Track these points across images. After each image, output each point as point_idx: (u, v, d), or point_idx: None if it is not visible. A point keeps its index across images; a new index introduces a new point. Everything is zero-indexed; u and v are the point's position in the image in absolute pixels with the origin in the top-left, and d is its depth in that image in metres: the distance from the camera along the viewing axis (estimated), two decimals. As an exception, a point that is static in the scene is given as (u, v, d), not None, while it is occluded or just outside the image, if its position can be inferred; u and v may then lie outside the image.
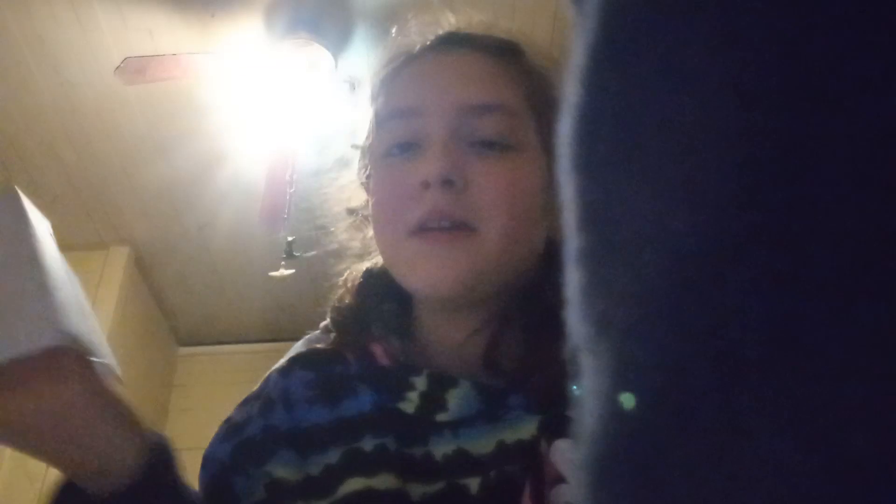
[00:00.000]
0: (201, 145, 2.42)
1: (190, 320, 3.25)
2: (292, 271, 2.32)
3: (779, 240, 0.15)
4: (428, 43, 0.62)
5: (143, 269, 2.93)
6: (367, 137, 0.64)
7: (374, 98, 0.63)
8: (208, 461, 0.61)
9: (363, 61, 2.17)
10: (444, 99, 0.57)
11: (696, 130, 0.16)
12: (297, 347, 0.65)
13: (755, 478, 0.14)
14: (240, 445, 0.58)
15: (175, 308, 3.18)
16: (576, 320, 0.18)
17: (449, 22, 0.64)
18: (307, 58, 2.06)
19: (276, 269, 2.30)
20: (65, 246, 0.58)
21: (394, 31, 0.67)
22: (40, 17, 2.04)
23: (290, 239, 2.28)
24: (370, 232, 0.64)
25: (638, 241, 0.17)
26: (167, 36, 2.09)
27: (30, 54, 2.14)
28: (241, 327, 3.26)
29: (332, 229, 0.68)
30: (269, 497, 0.55)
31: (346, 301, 0.64)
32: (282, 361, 0.63)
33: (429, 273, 0.54)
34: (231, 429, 0.60)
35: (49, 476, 2.35)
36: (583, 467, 0.18)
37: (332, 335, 0.63)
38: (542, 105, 0.59)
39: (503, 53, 0.60)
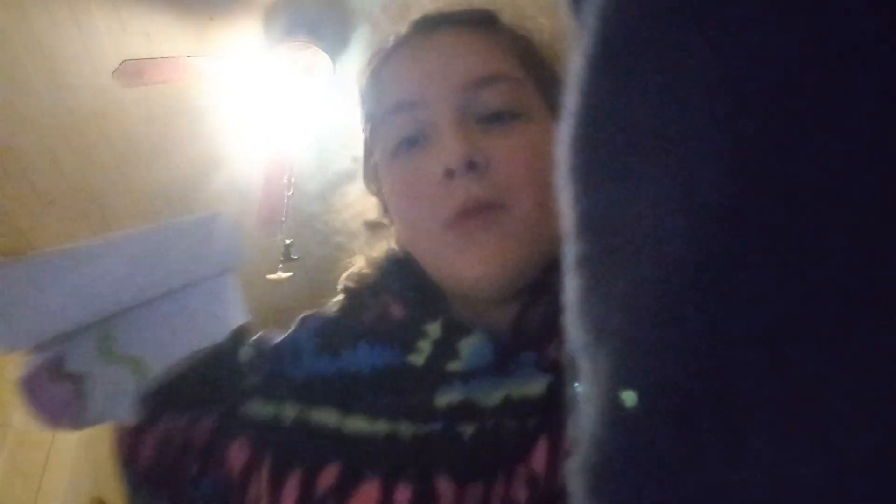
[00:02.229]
0: (199, 148, 2.42)
1: (187, 323, 3.24)
2: (290, 274, 2.32)
3: (775, 246, 0.15)
4: (406, 30, 0.61)
5: (141, 271, 2.93)
6: (366, 143, 0.62)
7: (364, 101, 0.62)
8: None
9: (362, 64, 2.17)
10: (440, 82, 0.55)
11: (692, 139, 0.16)
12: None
13: (753, 482, 0.14)
14: (258, 356, 0.60)
15: (172, 311, 3.17)
16: (574, 326, 0.18)
17: (421, 4, 0.63)
18: (305, 61, 2.06)
19: (274, 273, 2.30)
20: None
21: (362, 29, 0.66)
22: (38, 20, 2.04)
23: (287, 242, 2.28)
24: (392, 239, 0.62)
25: (635, 247, 0.17)
26: (165, 39, 2.09)
27: (27, 57, 2.14)
28: (239, 330, 3.25)
29: (352, 246, 0.66)
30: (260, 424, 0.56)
31: (364, 271, 0.63)
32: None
33: (473, 266, 0.53)
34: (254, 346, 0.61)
35: (45, 475, 2.34)
36: (580, 472, 0.18)
37: (345, 300, 0.63)
38: (537, 67, 0.58)
39: (486, 23, 0.59)
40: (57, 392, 0.45)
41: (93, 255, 0.47)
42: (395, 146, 0.57)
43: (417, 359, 0.54)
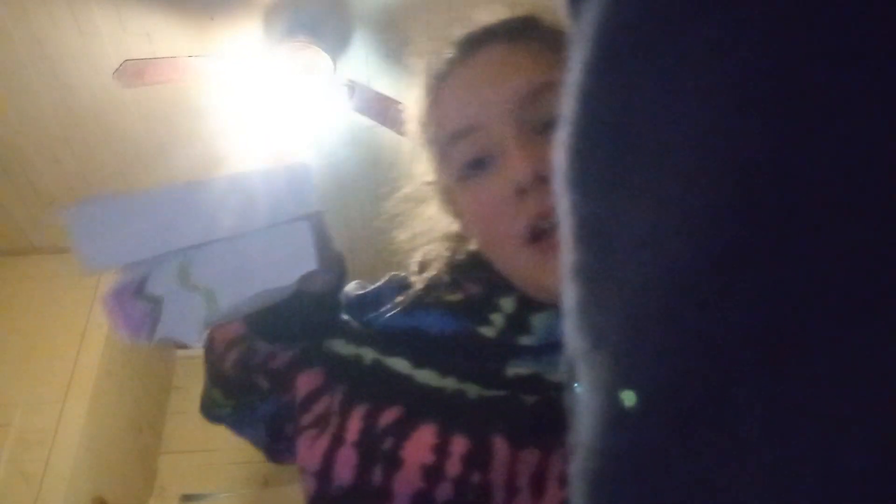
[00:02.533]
0: (200, 148, 2.42)
1: (188, 323, 3.24)
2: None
3: (773, 250, 0.15)
4: (452, 54, 0.62)
5: (142, 271, 2.93)
6: (435, 167, 0.64)
7: (424, 128, 0.64)
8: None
9: (362, 64, 2.17)
10: (495, 102, 0.57)
11: (690, 144, 0.16)
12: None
13: (751, 484, 0.14)
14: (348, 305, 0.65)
15: (173, 311, 3.17)
16: (573, 332, 0.18)
17: (461, 28, 0.64)
18: (306, 61, 2.06)
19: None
20: (63, 249, 0.61)
21: (407, 54, 0.68)
22: (38, 20, 2.04)
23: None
24: (472, 245, 0.65)
25: (633, 255, 0.17)
26: (166, 39, 2.09)
27: (28, 58, 2.14)
28: (240, 330, 3.25)
29: (429, 256, 0.69)
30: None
31: (442, 255, 0.67)
32: None
33: (554, 280, 0.54)
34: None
35: (46, 475, 2.34)
36: (580, 475, 0.18)
37: (420, 276, 0.66)
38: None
39: (527, 32, 0.60)
40: (136, 309, 0.50)
41: (177, 194, 0.52)
42: (463, 170, 0.59)
43: (489, 331, 0.57)
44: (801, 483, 0.14)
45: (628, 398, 0.16)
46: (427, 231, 0.69)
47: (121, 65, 1.94)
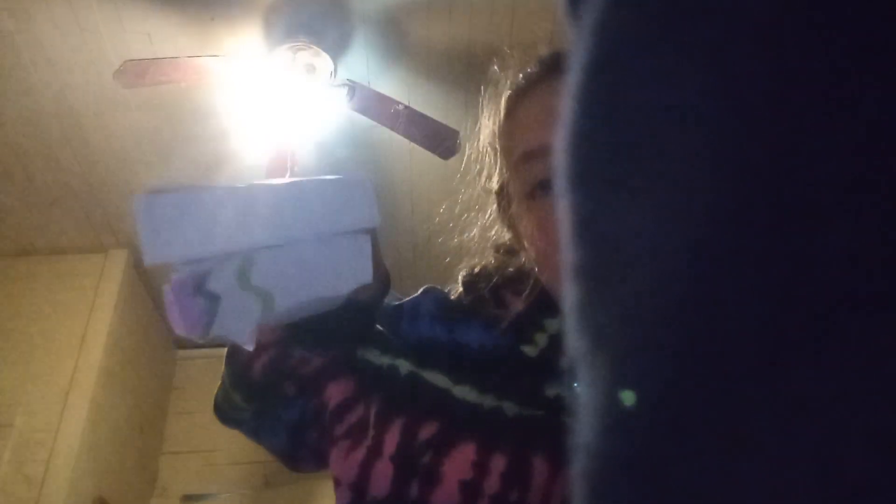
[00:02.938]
0: (200, 149, 2.42)
1: (189, 323, 3.24)
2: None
3: (773, 251, 0.15)
4: (537, 72, 0.62)
5: (142, 272, 2.93)
6: (502, 180, 0.64)
7: (498, 138, 0.64)
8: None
9: (362, 65, 2.17)
10: None
11: (690, 146, 0.16)
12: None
13: (751, 485, 0.14)
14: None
15: (174, 311, 3.17)
16: (573, 333, 0.18)
17: (547, 48, 0.65)
18: (306, 61, 2.06)
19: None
20: (63, 249, 0.61)
21: (494, 67, 0.68)
22: (39, 20, 2.04)
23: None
24: (522, 259, 0.65)
25: (634, 254, 0.17)
26: (166, 39, 2.09)
27: (28, 58, 2.14)
28: (240, 330, 3.25)
29: (482, 264, 0.69)
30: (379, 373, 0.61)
31: (488, 269, 0.66)
32: None
33: None
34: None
35: (47, 475, 2.35)
36: (580, 478, 0.18)
37: (464, 290, 0.66)
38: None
39: None
40: (194, 305, 0.50)
41: (245, 194, 0.52)
42: (531, 189, 0.59)
43: (531, 350, 0.58)
44: (801, 483, 0.14)
45: (628, 398, 0.16)
46: (480, 240, 0.69)
47: (121, 65, 1.94)
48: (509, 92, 0.64)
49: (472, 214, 0.70)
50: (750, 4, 0.15)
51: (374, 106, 2.07)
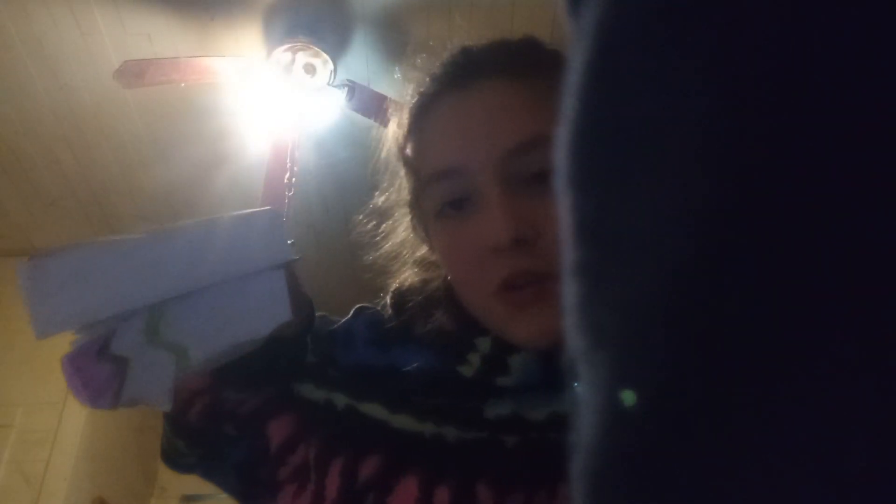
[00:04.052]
0: (200, 149, 2.42)
1: (188, 323, 3.24)
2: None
3: (773, 248, 0.15)
4: (445, 80, 0.59)
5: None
6: (412, 194, 0.61)
7: (404, 153, 0.61)
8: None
9: (362, 65, 2.17)
10: (483, 148, 0.54)
11: (690, 143, 0.16)
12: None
13: (752, 484, 0.14)
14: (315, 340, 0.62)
15: (173, 311, 3.17)
16: (573, 331, 0.18)
17: (458, 47, 0.61)
18: (306, 61, 2.06)
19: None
20: None
21: (397, 73, 0.65)
22: (39, 20, 2.04)
23: (288, 242, 2.28)
24: (443, 272, 0.62)
25: (634, 252, 0.17)
26: (166, 39, 2.09)
27: (28, 58, 2.14)
28: (240, 330, 3.26)
29: (401, 276, 0.67)
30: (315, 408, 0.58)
31: (415, 285, 0.64)
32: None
33: (528, 332, 0.53)
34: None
35: (47, 475, 2.35)
36: (580, 477, 0.18)
37: (393, 308, 0.63)
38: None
39: (524, 67, 0.57)
40: (99, 372, 0.46)
41: (144, 244, 0.48)
42: (441, 207, 0.56)
43: (467, 370, 0.55)
44: (801, 483, 0.14)
45: (628, 398, 0.16)
46: (398, 253, 0.67)
47: (121, 65, 1.94)
48: (414, 101, 0.61)
49: (388, 224, 0.67)
50: (749, 4, 0.15)
51: (374, 106, 2.07)
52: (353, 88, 2.08)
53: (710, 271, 0.15)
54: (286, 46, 2.05)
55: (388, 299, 0.64)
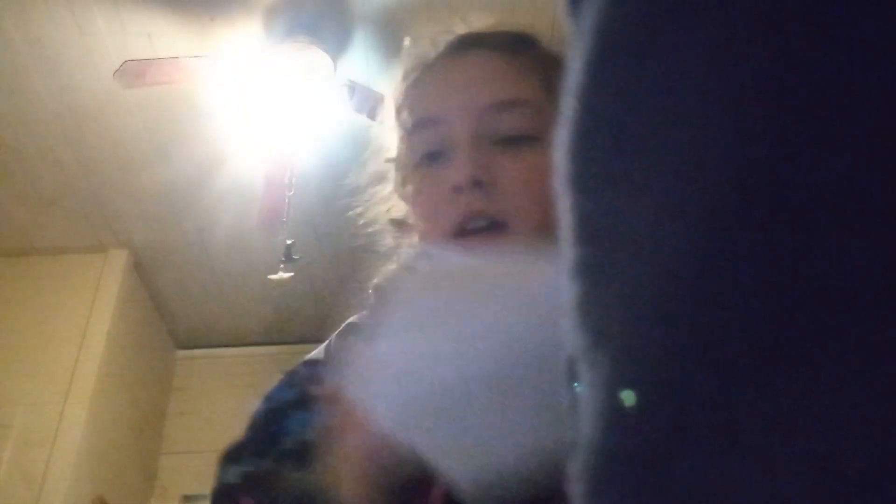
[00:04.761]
0: (200, 149, 2.42)
1: (188, 323, 3.24)
2: (291, 274, 2.32)
3: (772, 249, 0.15)
4: (442, 49, 0.64)
5: (142, 272, 2.93)
6: (399, 150, 0.66)
7: (398, 111, 0.66)
8: (270, 400, 0.60)
9: (362, 65, 2.17)
10: (463, 103, 0.59)
11: (689, 146, 0.16)
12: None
13: (750, 482, 0.14)
14: (302, 396, 0.59)
15: (173, 311, 3.17)
16: (574, 330, 0.18)
17: (460, 27, 0.67)
18: (306, 61, 2.06)
19: (275, 273, 2.30)
20: (63, 249, 0.59)
21: (406, 41, 0.69)
22: (38, 20, 2.04)
23: (288, 242, 2.28)
24: (415, 238, 0.65)
25: (634, 251, 0.17)
26: (166, 39, 2.09)
27: (28, 58, 2.14)
28: (240, 330, 3.26)
29: (379, 239, 0.70)
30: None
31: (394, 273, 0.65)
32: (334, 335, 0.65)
33: None
34: (293, 379, 0.61)
35: (47, 475, 2.35)
36: (580, 476, 0.18)
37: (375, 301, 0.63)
38: (560, 92, 0.59)
39: (515, 48, 0.62)
40: None
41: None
42: (419, 159, 0.61)
43: None
44: (802, 483, 0.14)
45: (628, 397, 0.16)
46: (379, 213, 0.70)
47: (121, 65, 1.94)
48: (414, 66, 0.65)
49: (376, 186, 0.70)
50: (749, 5, 0.15)
51: (374, 106, 2.07)
52: (353, 88, 2.08)
53: (710, 271, 0.15)
54: (286, 46, 2.05)
55: (370, 295, 0.65)
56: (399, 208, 0.68)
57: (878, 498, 0.13)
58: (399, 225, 0.68)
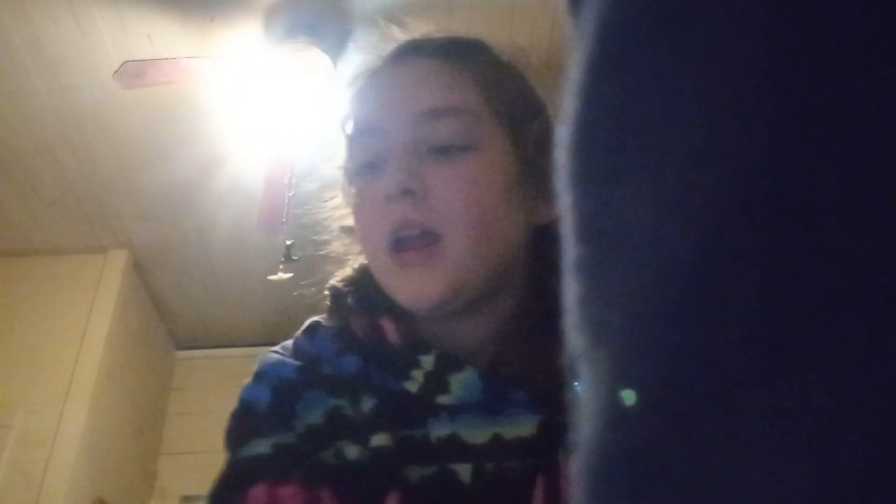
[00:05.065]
0: (200, 149, 2.42)
1: (188, 324, 3.25)
2: (291, 275, 2.32)
3: (773, 247, 0.15)
4: (387, 56, 0.64)
5: (142, 272, 2.93)
6: (345, 158, 0.65)
7: (345, 120, 0.65)
8: (246, 401, 0.58)
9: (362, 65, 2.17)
10: (397, 112, 0.58)
11: (690, 145, 0.16)
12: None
13: (751, 483, 0.14)
14: (281, 386, 0.58)
15: (173, 312, 3.18)
16: (573, 329, 0.18)
17: (401, 34, 0.66)
18: (306, 62, 2.06)
19: (275, 273, 2.30)
20: (63, 249, 0.59)
21: (362, 30, 0.69)
22: (39, 20, 2.04)
23: (288, 242, 2.28)
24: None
25: (634, 250, 0.17)
26: (166, 40, 2.10)
27: (28, 58, 2.14)
28: (240, 331, 3.26)
29: (331, 247, 0.70)
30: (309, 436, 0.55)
31: (349, 286, 0.63)
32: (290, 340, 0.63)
33: (408, 293, 0.56)
34: (263, 376, 0.59)
35: (46, 475, 2.35)
36: (580, 476, 0.18)
37: (335, 314, 0.62)
38: (502, 98, 0.59)
39: (452, 55, 0.61)
40: None
41: None
42: (358, 168, 0.60)
43: (412, 386, 0.55)
44: (801, 483, 0.14)
45: (628, 397, 0.16)
46: (331, 220, 0.69)
47: (121, 66, 1.94)
48: (362, 73, 0.65)
49: (328, 192, 0.70)
50: (749, 4, 0.15)
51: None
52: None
53: (711, 269, 0.15)
54: (286, 46, 2.05)
55: (327, 296, 0.64)
56: (349, 216, 0.67)
57: (879, 498, 0.13)
58: (349, 232, 0.67)
